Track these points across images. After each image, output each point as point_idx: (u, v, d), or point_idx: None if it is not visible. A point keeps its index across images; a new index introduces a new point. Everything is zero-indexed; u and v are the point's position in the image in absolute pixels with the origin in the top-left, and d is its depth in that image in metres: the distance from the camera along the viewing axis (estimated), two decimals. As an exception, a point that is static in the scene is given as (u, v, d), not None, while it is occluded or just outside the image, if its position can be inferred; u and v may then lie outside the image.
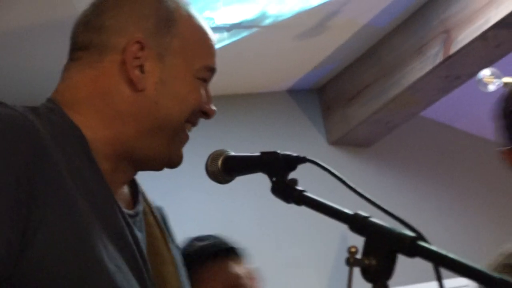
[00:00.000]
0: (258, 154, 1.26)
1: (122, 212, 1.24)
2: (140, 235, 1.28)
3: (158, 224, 1.36)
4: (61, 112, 1.24)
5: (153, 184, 1.54)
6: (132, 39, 1.26)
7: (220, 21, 3.38)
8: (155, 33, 1.28)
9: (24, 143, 1.13)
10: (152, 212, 1.36)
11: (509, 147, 1.73)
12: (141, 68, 1.26)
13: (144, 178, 1.38)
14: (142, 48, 1.26)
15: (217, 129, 1.25)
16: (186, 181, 3.64)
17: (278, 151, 1.24)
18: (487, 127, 4.77)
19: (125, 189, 1.32)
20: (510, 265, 1.64)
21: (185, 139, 1.32)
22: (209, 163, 1.29)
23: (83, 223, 1.16)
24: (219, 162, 1.28)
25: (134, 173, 1.33)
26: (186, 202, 3.83)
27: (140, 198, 1.34)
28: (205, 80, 1.31)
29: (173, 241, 1.40)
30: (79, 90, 1.27)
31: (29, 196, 1.11)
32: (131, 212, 1.28)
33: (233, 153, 1.30)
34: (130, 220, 1.26)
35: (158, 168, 1.33)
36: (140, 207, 1.32)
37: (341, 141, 4.39)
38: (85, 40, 1.29)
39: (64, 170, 1.17)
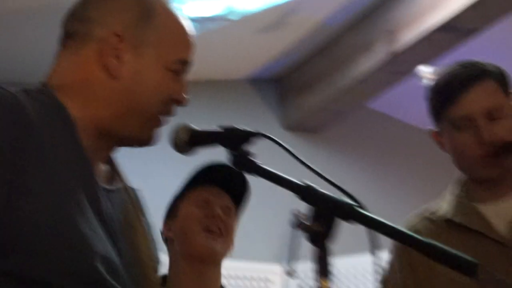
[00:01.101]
0: (218, 128, 1.27)
1: (99, 186, 1.26)
2: (115, 208, 1.28)
3: (132, 201, 1.36)
4: (50, 94, 1.25)
5: (126, 159, 1.53)
6: (111, 31, 1.28)
7: (188, 13, 3.37)
8: (134, 26, 1.29)
9: (10, 118, 1.15)
10: (127, 191, 1.37)
11: (434, 129, 1.77)
12: (118, 57, 1.27)
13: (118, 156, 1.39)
14: (120, 40, 1.27)
15: (181, 111, 1.26)
16: (153, 157, 3.63)
17: (237, 126, 1.25)
18: (425, 119, 4.83)
19: (104, 167, 1.32)
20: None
21: (158, 124, 1.32)
22: (174, 136, 1.29)
23: (63, 191, 1.17)
24: (184, 135, 1.28)
25: (112, 150, 1.33)
26: (153, 174, 3.83)
27: (119, 176, 1.35)
28: (178, 72, 1.31)
29: (145, 218, 1.40)
30: (65, 75, 1.28)
31: (14, 166, 1.13)
32: (109, 187, 1.29)
33: (196, 127, 1.29)
34: (106, 194, 1.27)
35: (133, 145, 1.33)
36: (118, 184, 1.33)
37: (295, 127, 4.41)
38: (72, 29, 1.30)
39: (48, 144, 1.18)
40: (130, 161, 1.44)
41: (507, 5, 3.29)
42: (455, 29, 3.49)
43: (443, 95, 1.68)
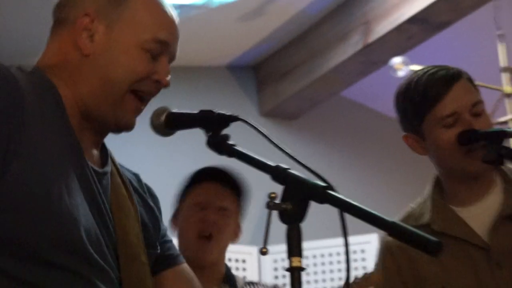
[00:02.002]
0: (196, 111, 1.26)
1: (88, 166, 1.26)
2: (105, 190, 1.29)
3: (125, 184, 1.35)
4: (41, 74, 1.27)
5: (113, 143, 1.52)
6: (83, 12, 1.28)
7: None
8: (107, 6, 1.29)
9: (5, 90, 1.17)
10: (120, 174, 1.36)
11: (406, 134, 1.77)
12: (91, 37, 1.27)
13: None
14: (91, 20, 1.28)
15: (160, 97, 1.25)
16: (135, 139, 3.62)
17: (214, 110, 1.24)
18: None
19: (95, 152, 1.32)
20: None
21: (132, 107, 1.30)
22: (154, 118, 1.28)
23: (52, 163, 1.18)
24: (162, 118, 1.27)
25: (99, 135, 1.33)
26: (136, 155, 3.81)
27: (109, 161, 1.34)
28: (155, 52, 1.30)
29: (143, 200, 1.39)
30: (50, 58, 1.30)
31: (7, 133, 1.15)
32: (99, 170, 1.29)
33: (174, 110, 1.29)
34: (96, 176, 1.27)
35: (111, 129, 1.32)
36: (108, 168, 1.32)
37: (271, 113, 4.42)
38: (56, 16, 1.33)
39: (39, 118, 1.19)
40: (115, 145, 1.43)
41: (476, -1, 3.33)
42: (427, 22, 3.51)
43: (426, 97, 1.66)
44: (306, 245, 1.09)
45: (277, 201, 1.09)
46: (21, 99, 1.19)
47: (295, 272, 1.07)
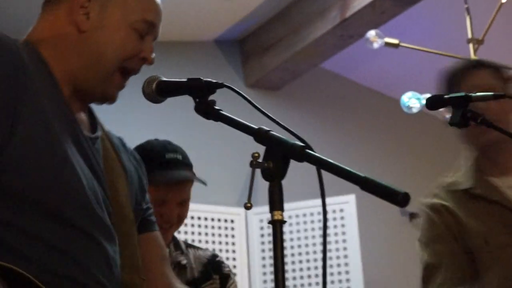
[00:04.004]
0: (185, 79, 1.27)
1: (82, 133, 1.27)
2: (97, 154, 1.30)
3: (114, 148, 1.37)
4: (32, 47, 1.27)
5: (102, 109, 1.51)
6: None
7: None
8: None
9: (10, 56, 1.19)
10: (109, 139, 1.38)
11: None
12: (86, 14, 1.29)
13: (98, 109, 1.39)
14: (89, 0, 1.29)
15: (152, 70, 1.26)
16: (128, 109, 3.62)
17: (201, 78, 1.25)
18: (374, 79, 4.88)
19: (84, 117, 1.33)
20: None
21: (118, 82, 1.32)
22: (145, 86, 1.28)
23: (53, 128, 1.20)
24: (153, 85, 1.28)
25: (86, 103, 1.34)
26: (128, 123, 3.81)
27: (98, 126, 1.36)
28: (143, 32, 1.32)
29: (129, 161, 1.41)
30: (43, 32, 1.30)
31: (14, 95, 1.16)
32: (91, 135, 1.31)
33: (164, 78, 1.29)
34: (90, 141, 1.29)
35: (96, 100, 1.34)
36: (99, 133, 1.34)
37: (256, 85, 4.42)
38: None
39: (37, 85, 1.21)
40: (106, 111, 1.43)
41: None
42: (399, -3, 3.52)
43: (458, 72, 1.82)
44: (287, 206, 1.11)
45: (260, 160, 1.10)
46: (24, 66, 1.20)
47: (277, 225, 1.08)
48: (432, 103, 1.63)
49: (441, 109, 1.71)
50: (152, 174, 1.59)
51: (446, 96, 1.61)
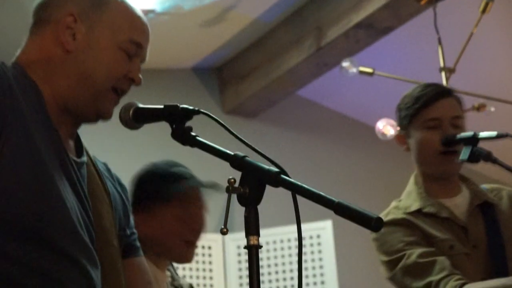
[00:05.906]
0: (161, 106, 1.26)
1: (69, 157, 1.26)
2: (82, 179, 1.29)
3: (98, 173, 1.36)
4: (21, 70, 1.27)
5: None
6: (67, 12, 1.29)
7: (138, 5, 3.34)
8: (89, 8, 1.30)
9: None
10: (94, 164, 1.37)
11: (398, 134, 1.99)
12: (73, 35, 1.28)
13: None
14: (74, 20, 1.28)
15: (131, 96, 1.26)
16: (104, 136, 3.59)
17: (178, 104, 1.25)
18: (348, 106, 4.92)
19: (71, 143, 1.32)
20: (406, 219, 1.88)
21: (112, 99, 1.31)
22: (122, 112, 1.28)
23: (38, 150, 1.19)
24: (130, 112, 1.27)
25: (76, 126, 1.33)
26: (105, 148, 3.78)
27: (84, 151, 1.35)
28: (131, 53, 1.31)
29: (113, 187, 1.40)
30: (30, 55, 1.29)
31: (1, 116, 1.16)
32: (78, 160, 1.30)
33: (142, 105, 1.29)
34: (76, 165, 1.28)
35: (90, 119, 1.32)
36: (85, 159, 1.33)
37: (233, 112, 4.44)
38: (37, 16, 1.32)
39: (24, 108, 1.20)
40: (88, 137, 1.42)
41: (416, 7, 3.39)
42: (372, 27, 3.56)
43: (417, 102, 1.89)
44: (264, 232, 1.10)
45: (236, 185, 1.10)
46: (11, 89, 1.19)
47: (253, 249, 1.09)
48: (448, 140, 1.84)
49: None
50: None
51: (459, 136, 1.82)
